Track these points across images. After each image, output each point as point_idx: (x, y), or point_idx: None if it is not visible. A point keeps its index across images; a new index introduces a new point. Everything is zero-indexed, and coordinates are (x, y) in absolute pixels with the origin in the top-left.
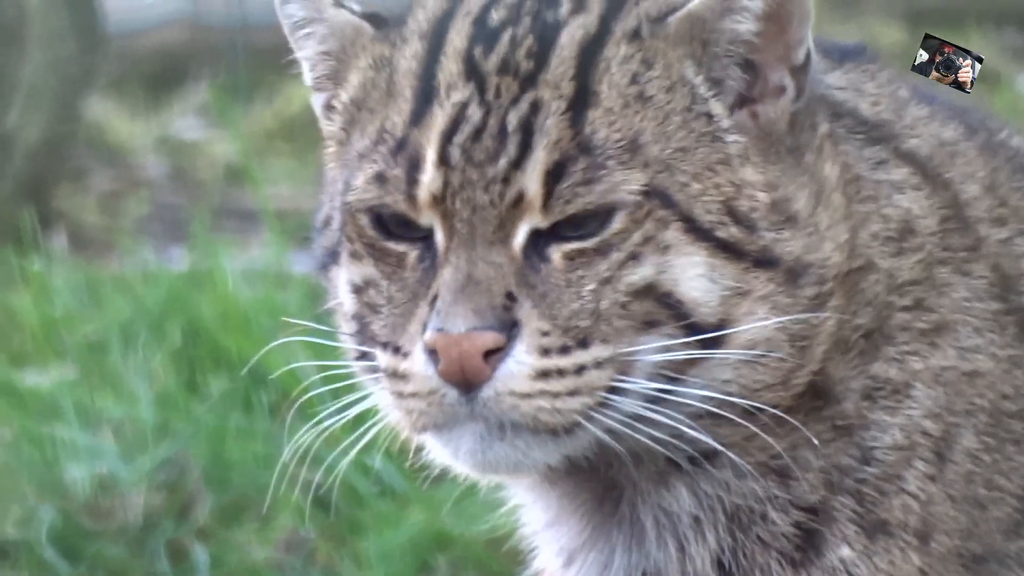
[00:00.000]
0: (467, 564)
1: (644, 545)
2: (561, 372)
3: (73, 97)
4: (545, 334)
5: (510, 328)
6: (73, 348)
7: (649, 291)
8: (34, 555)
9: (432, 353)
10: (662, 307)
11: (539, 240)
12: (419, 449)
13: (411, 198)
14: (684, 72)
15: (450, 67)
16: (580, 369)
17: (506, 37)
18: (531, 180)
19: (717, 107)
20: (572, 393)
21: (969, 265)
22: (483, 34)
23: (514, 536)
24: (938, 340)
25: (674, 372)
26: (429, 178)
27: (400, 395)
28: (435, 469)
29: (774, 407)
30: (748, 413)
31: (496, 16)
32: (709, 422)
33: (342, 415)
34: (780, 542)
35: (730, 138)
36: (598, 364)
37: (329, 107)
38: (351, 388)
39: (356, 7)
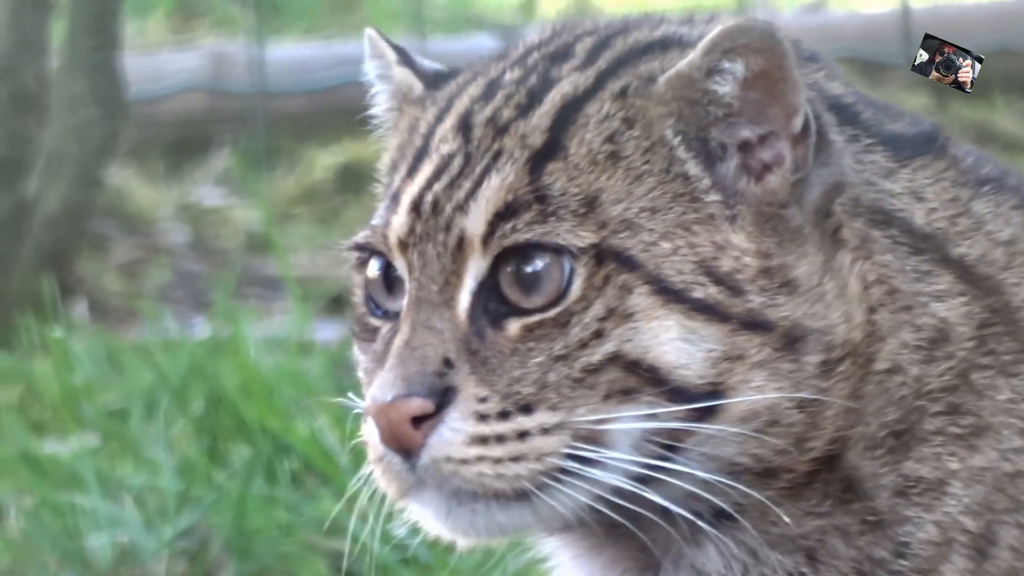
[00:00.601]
0: None
1: None
2: (500, 438)
3: (94, 164)
4: (482, 400)
5: (442, 395)
6: (94, 417)
7: (612, 362)
8: None
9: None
10: (632, 375)
11: (493, 308)
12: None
13: (386, 239)
14: (664, 133)
15: (448, 123)
16: (523, 435)
17: (504, 92)
18: (473, 220)
19: (695, 168)
20: (516, 459)
21: (1016, 367)
22: (488, 92)
23: None
24: (977, 442)
25: (669, 440)
26: (400, 221)
27: (372, 462)
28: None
29: (789, 472)
30: (762, 478)
31: (509, 76)
32: (720, 487)
33: (364, 484)
34: None
35: (710, 198)
36: (544, 430)
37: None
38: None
39: (426, 64)
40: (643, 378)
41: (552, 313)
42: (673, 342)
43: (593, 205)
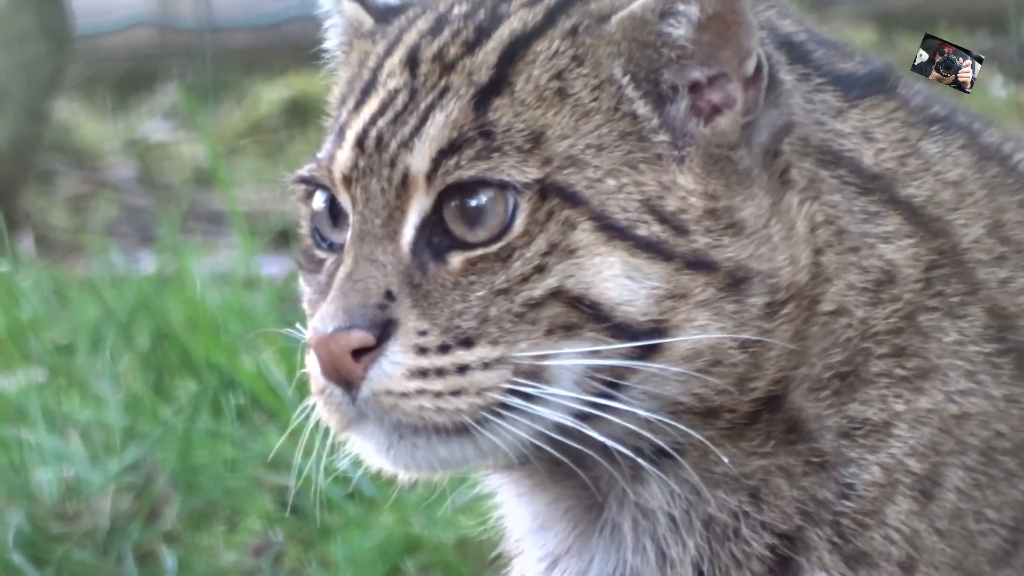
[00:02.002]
0: (436, 568)
1: (622, 551)
2: (440, 371)
3: (40, 99)
4: (423, 333)
5: (383, 327)
6: (40, 352)
7: (554, 297)
8: (1, 559)
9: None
10: (574, 311)
11: (436, 242)
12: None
13: (330, 173)
14: (613, 72)
15: (395, 57)
16: (463, 368)
17: (451, 28)
18: (417, 157)
19: (644, 108)
20: (456, 393)
21: (963, 309)
22: (436, 27)
23: (483, 540)
24: (923, 384)
25: (611, 377)
26: (344, 156)
27: (314, 394)
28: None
29: (731, 411)
30: (704, 418)
31: (457, 10)
32: (662, 424)
33: (310, 419)
34: (754, 563)
35: (658, 138)
36: (485, 365)
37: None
38: None
39: None
40: (585, 314)
41: (494, 248)
42: (616, 279)
43: (539, 141)
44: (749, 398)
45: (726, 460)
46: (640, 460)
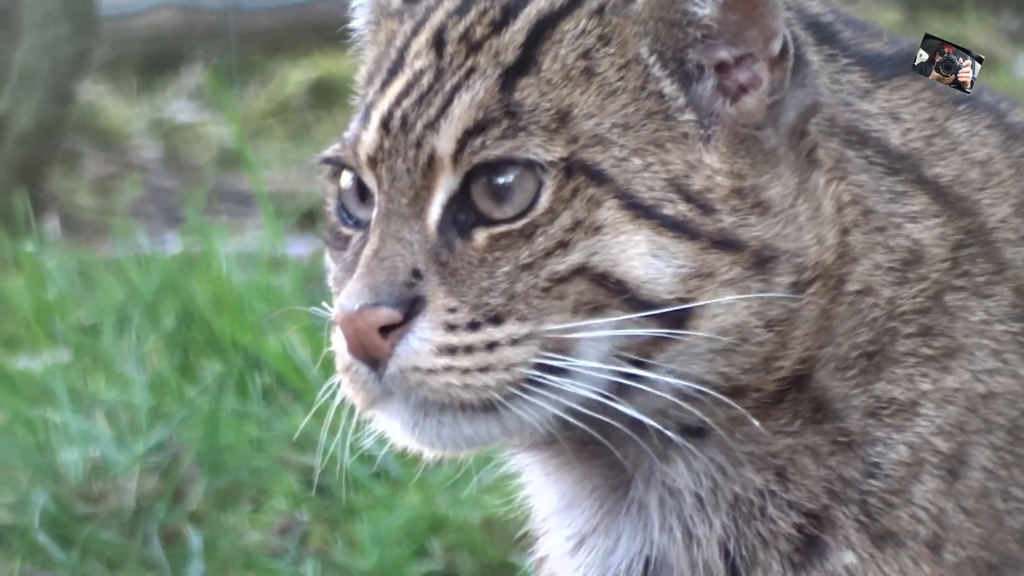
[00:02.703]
0: (462, 548)
1: (649, 530)
2: (469, 348)
3: (66, 80)
4: (452, 310)
5: (410, 304)
6: (66, 332)
7: (579, 274)
8: (27, 539)
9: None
10: (600, 288)
11: (462, 219)
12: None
13: (356, 155)
14: (640, 51)
15: (422, 37)
16: (491, 345)
17: (478, 7)
18: (442, 138)
19: (670, 87)
20: (484, 369)
21: (990, 288)
22: (463, 6)
23: (509, 520)
24: (950, 363)
25: (637, 355)
26: (370, 138)
27: (340, 372)
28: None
29: (757, 391)
30: (731, 397)
31: None
32: (688, 402)
33: (335, 398)
34: (780, 542)
35: (684, 117)
36: (514, 341)
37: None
38: None
39: None
40: (611, 292)
41: (519, 224)
42: (642, 257)
43: (565, 120)
44: (775, 377)
45: (757, 424)
46: (669, 433)
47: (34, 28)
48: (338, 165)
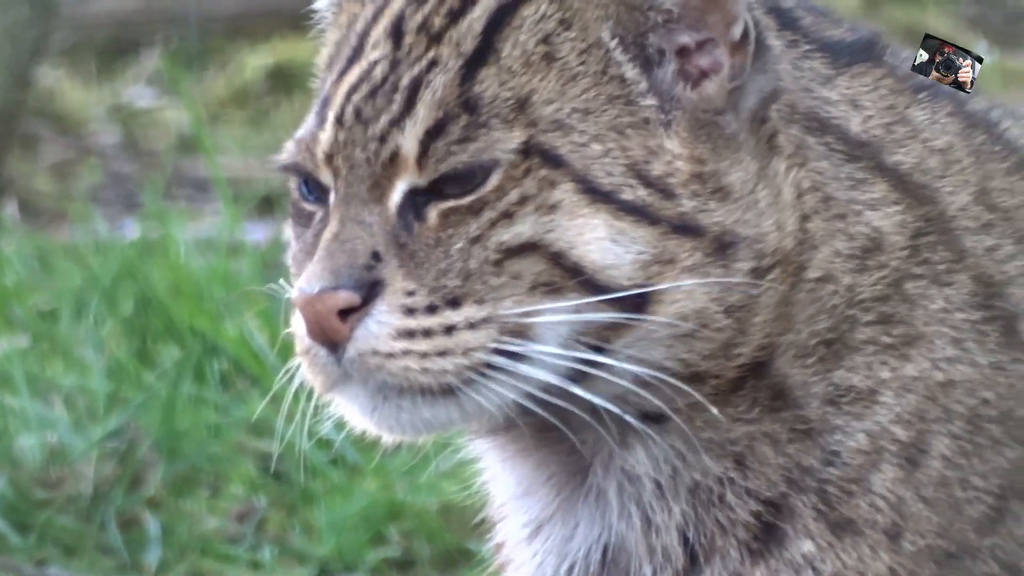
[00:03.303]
0: (419, 534)
1: (607, 516)
2: (427, 332)
3: (25, 65)
4: (410, 293)
5: (369, 288)
6: (24, 317)
7: (531, 250)
8: None
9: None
10: (556, 268)
11: (418, 199)
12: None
13: (312, 155)
14: (601, 35)
15: (380, 25)
16: (449, 329)
17: None
18: (407, 138)
19: (632, 72)
20: (442, 353)
21: (949, 276)
22: None
23: (467, 506)
24: (909, 351)
25: (596, 341)
26: (326, 135)
27: (299, 355)
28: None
29: (716, 377)
30: (690, 383)
31: None
32: (647, 388)
33: (293, 382)
34: (739, 530)
35: (645, 102)
36: (471, 325)
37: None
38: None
39: None
40: (567, 273)
41: (466, 200)
42: (600, 241)
43: (524, 107)
44: (734, 364)
45: (715, 411)
46: (629, 418)
47: None
48: (296, 172)
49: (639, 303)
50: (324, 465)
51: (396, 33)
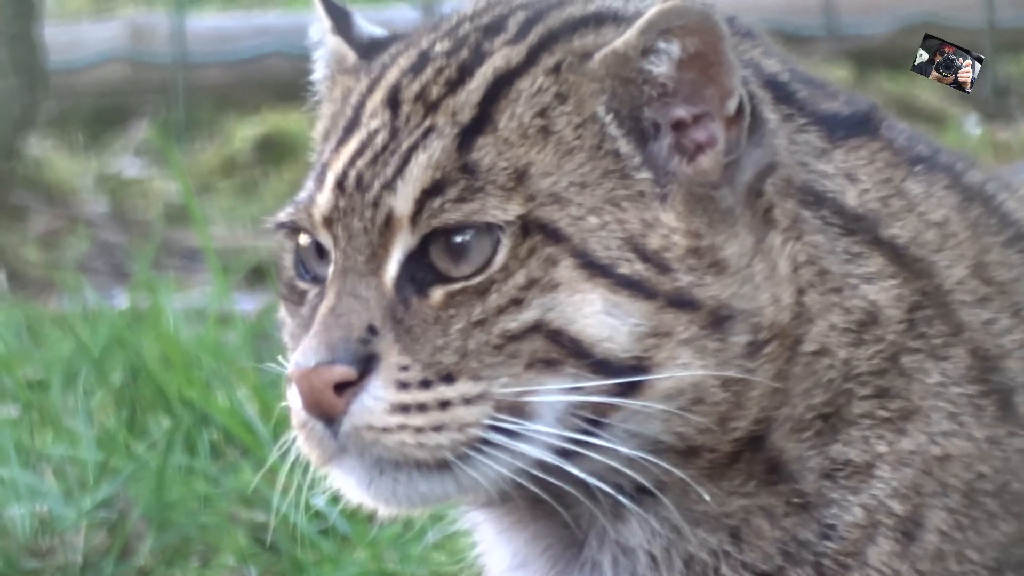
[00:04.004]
0: None
1: None
2: (422, 407)
3: (12, 135)
4: (404, 368)
5: (365, 362)
6: (13, 388)
7: (533, 331)
8: None
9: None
10: (554, 345)
11: (420, 277)
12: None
13: (311, 217)
14: (596, 109)
15: (377, 96)
16: (444, 404)
17: (434, 66)
18: (401, 199)
19: (626, 146)
20: (437, 428)
21: (946, 350)
22: (418, 64)
23: None
24: (906, 425)
25: (593, 415)
26: (324, 199)
27: (295, 428)
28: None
29: (712, 451)
30: (685, 457)
31: (439, 47)
32: (643, 463)
33: (289, 454)
34: None
35: (640, 176)
36: (466, 401)
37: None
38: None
39: (364, 30)
40: (565, 349)
41: (474, 281)
42: (597, 315)
43: (522, 178)
44: (731, 437)
45: (708, 498)
46: (621, 498)
47: None
48: (292, 229)
49: (635, 375)
50: (316, 536)
51: (393, 102)
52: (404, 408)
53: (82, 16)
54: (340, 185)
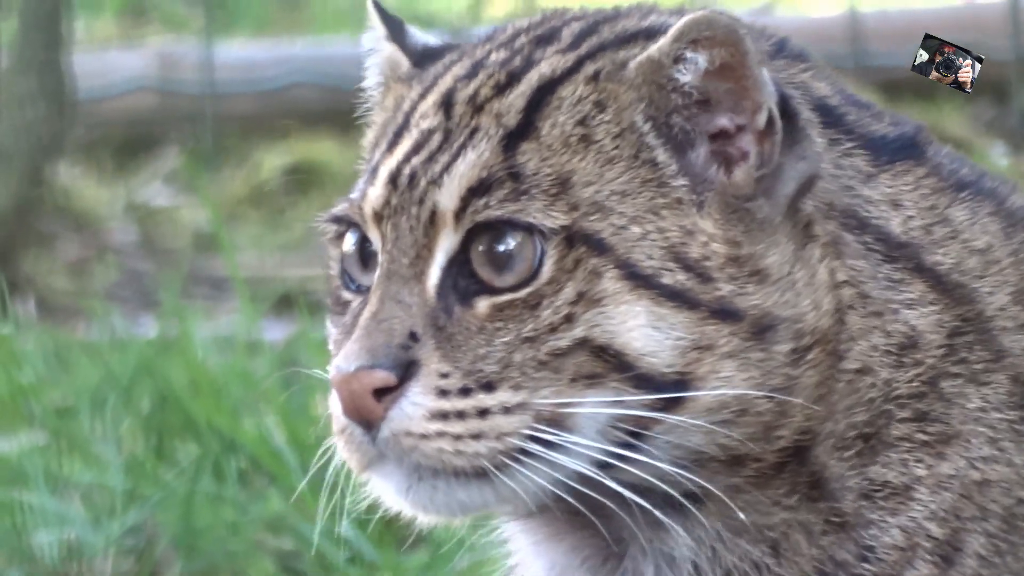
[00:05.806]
0: None
1: None
2: (461, 414)
3: (42, 163)
4: (444, 375)
5: (406, 368)
6: (42, 414)
7: (580, 347)
8: None
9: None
10: (599, 360)
11: (463, 285)
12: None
13: (361, 211)
14: (635, 118)
15: (430, 100)
16: (483, 412)
17: (486, 72)
18: (446, 194)
19: (663, 155)
20: (476, 436)
21: (987, 376)
22: (472, 71)
23: None
24: (945, 449)
25: (635, 427)
26: (376, 193)
27: (335, 433)
28: (406, 537)
29: (757, 460)
30: (730, 466)
31: (493, 57)
32: (686, 471)
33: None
34: None
35: (677, 183)
36: (506, 409)
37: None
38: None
39: (419, 39)
40: (609, 363)
41: (523, 293)
42: (641, 328)
43: (565, 187)
44: (775, 447)
45: (741, 516)
46: (657, 513)
47: (10, 110)
48: (344, 223)
49: (677, 390)
50: (342, 563)
51: (447, 105)
52: (443, 415)
53: (111, 45)
54: (393, 180)
